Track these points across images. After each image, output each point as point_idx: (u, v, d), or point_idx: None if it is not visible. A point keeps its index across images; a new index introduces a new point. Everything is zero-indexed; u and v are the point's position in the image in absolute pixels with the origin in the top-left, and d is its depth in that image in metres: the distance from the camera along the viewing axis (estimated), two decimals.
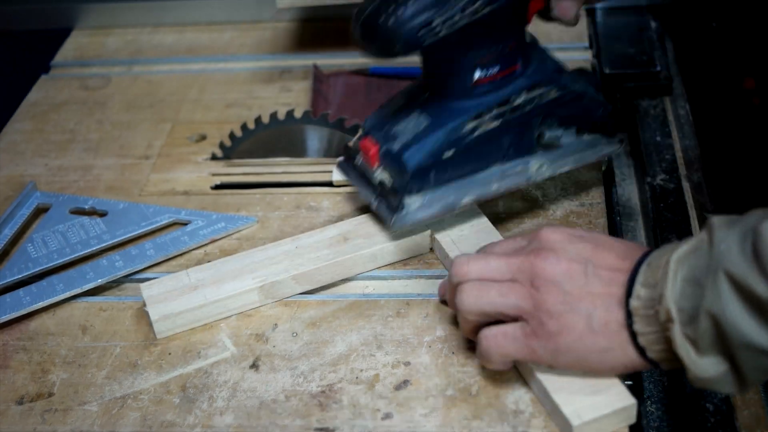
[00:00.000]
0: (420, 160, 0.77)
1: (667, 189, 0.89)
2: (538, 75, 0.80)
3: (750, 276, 0.58)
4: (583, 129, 0.84)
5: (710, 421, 0.69)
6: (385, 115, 0.82)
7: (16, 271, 0.84)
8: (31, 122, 1.07)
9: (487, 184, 0.81)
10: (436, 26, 0.72)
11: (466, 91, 0.78)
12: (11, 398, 0.74)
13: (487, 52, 0.77)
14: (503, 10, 0.75)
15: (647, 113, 1.00)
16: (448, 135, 0.78)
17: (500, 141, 0.80)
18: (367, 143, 0.80)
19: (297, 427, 0.70)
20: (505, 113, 0.79)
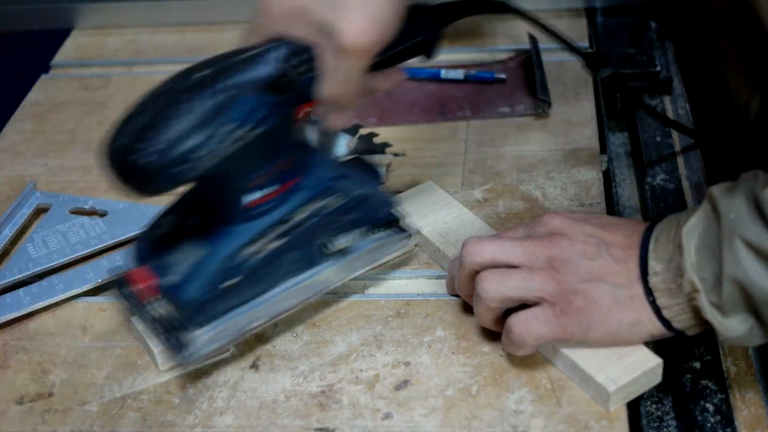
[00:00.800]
0: (201, 294, 0.71)
1: (667, 189, 0.89)
2: (319, 185, 0.74)
3: (767, 240, 0.62)
4: (371, 229, 0.80)
5: (710, 421, 0.69)
6: (155, 242, 0.74)
7: (16, 271, 0.84)
8: (31, 122, 1.07)
9: (277, 303, 0.75)
10: (195, 161, 0.65)
11: (243, 215, 0.72)
12: (11, 398, 0.74)
13: (261, 173, 0.71)
14: (272, 130, 0.68)
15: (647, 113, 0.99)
16: (228, 263, 0.71)
17: (286, 258, 0.75)
18: (139, 275, 0.72)
19: (297, 427, 0.70)
20: (287, 231, 0.73)
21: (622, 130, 1.02)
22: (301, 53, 0.69)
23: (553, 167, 0.92)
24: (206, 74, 0.67)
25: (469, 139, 0.97)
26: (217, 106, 0.65)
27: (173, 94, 0.66)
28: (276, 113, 0.68)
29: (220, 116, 0.65)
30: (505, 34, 1.13)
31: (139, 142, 0.64)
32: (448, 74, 1.06)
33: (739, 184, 0.66)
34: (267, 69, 0.67)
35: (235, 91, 0.66)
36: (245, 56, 0.68)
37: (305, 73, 0.69)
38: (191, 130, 0.65)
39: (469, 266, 0.73)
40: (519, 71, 1.06)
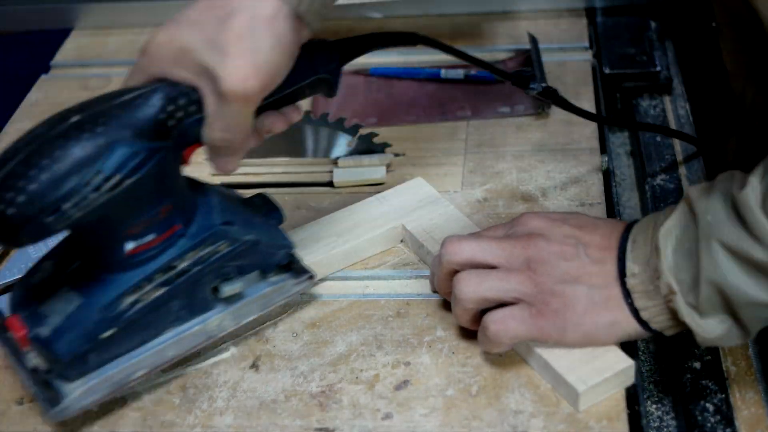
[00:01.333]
0: (74, 347, 0.68)
1: (667, 189, 0.89)
2: (204, 231, 0.71)
3: (744, 243, 0.62)
4: (267, 272, 0.76)
5: (710, 421, 0.69)
6: (31, 289, 0.70)
7: (15, 271, 0.84)
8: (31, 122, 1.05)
9: (161, 352, 0.72)
10: (66, 210, 0.62)
11: (121, 263, 0.68)
12: (11, 398, 0.74)
13: (137, 222, 0.67)
14: (149, 177, 0.65)
15: (647, 113, 1.00)
16: (105, 313, 0.68)
17: (169, 307, 0.71)
18: (14, 323, 0.69)
19: (297, 427, 0.70)
20: (170, 279, 0.70)
21: (622, 130, 1.02)
22: (183, 96, 0.66)
23: (553, 167, 0.92)
24: (81, 118, 0.64)
25: (469, 139, 0.97)
26: (90, 153, 0.63)
27: (44, 140, 0.63)
28: (153, 160, 0.65)
29: (93, 164, 0.62)
30: (505, 34, 1.13)
31: (5, 192, 0.61)
32: (448, 74, 1.06)
33: (715, 185, 0.66)
34: (146, 113, 0.65)
35: (109, 137, 0.63)
36: (122, 100, 0.65)
37: (188, 116, 0.66)
38: (61, 178, 0.62)
39: (447, 265, 0.73)
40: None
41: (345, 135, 0.98)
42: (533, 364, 0.72)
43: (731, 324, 0.65)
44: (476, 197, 0.89)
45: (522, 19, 1.15)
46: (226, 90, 0.64)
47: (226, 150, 0.69)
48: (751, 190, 0.63)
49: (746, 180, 0.64)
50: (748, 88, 0.78)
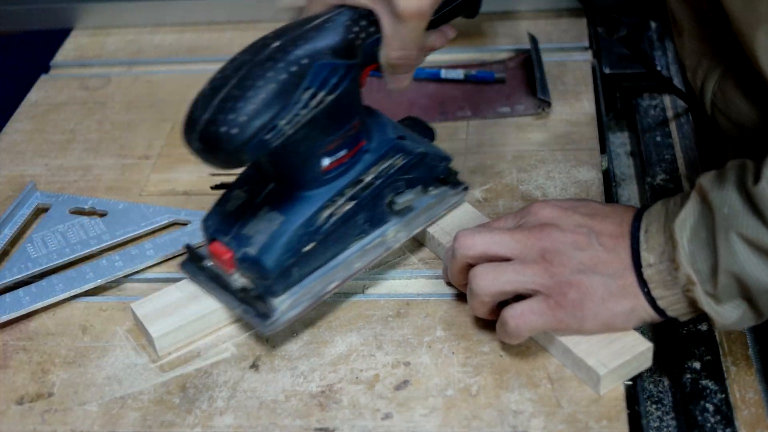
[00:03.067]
0: (281, 261, 0.73)
1: (667, 189, 0.89)
2: (384, 146, 0.77)
3: (763, 235, 0.64)
4: (428, 186, 0.82)
5: (710, 421, 0.69)
6: (228, 215, 0.76)
7: (15, 271, 0.84)
8: (31, 122, 1.07)
9: (349, 265, 0.77)
10: (281, 127, 0.67)
11: (316, 180, 0.74)
12: (11, 398, 0.74)
13: (333, 138, 0.73)
14: (345, 93, 0.71)
15: (647, 113, 1.00)
16: (306, 228, 0.74)
17: (356, 220, 0.77)
18: (218, 248, 0.74)
19: (297, 427, 0.70)
20: (357, 193, 0.76)
21: (622, 130, 1.02)
22: (363, 18, 0.71)
23: (553, 167, 0.92)
24: (280, 45, 0.69)
25: (469, 139, 0.97)
26: (295, 74, 0.68)
27: (250, 66, 0.67)
28: (348, 77, 0.71)
29: (300, 82, 0.68)
30: (505, 34, 1.13)
31: (226, 114, 0.66)
32: (448, 74, 1.06)
33: (726, 174, 0.67)
34: (335, 35, 0.70)
35: (308, 59, 0.68)
36: (313, 24, 0.70)
37: (368, 37, 0.72)
38: (272, 99, 0.67)
39: (461, 259, 0.73)
40: (519, 71, 1.06)
41: None
42: (551, 349, 0.72)
43: (746, 308, 0.67)
44: (476, 197, 0.89)
45: (522, 19, 1.15)
46: (402, 10, 0.69)
47: (402, 67, 0.74)
48: (766, 182, 0.63)
49: (759, 172, 0.64)
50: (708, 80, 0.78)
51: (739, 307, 0.67)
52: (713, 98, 0.79)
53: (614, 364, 0.69)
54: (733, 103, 0.77)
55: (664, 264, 0.68)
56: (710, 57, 0.79)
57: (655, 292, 0.69)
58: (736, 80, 0.76)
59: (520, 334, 0.70)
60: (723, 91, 0.77)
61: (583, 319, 0.69)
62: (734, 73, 0.76)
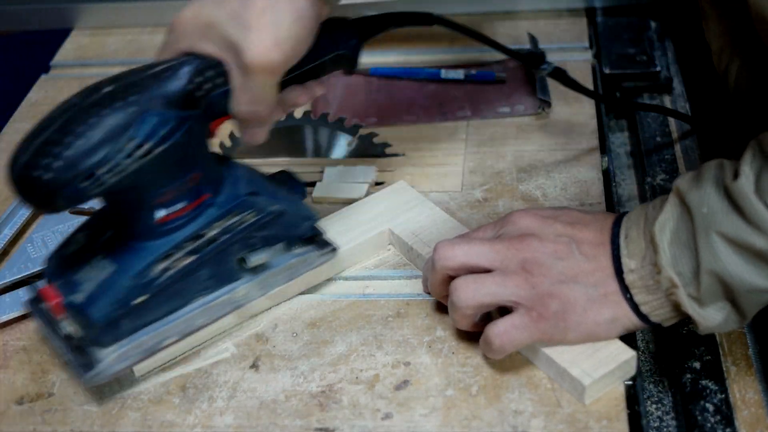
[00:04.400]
0: (108, 312, 0.70)
1: (667, 189, 0.89)
2: (231, 201, 0.73)
3: (744, 233, 0.63)
4: (292, 244, 0.78)
5: (710, 421, 0.69)
6: (65, 259, 0.73)
7: (15, 271, 0.84)
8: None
9: (190, 320, 0.74)
10: (100, 176, 0.64)
11: (151, 231, 0.71)
12: (11, 398, 0.74)
13: (169, 189, 0.70)
14: (179, 145, 0.67)
15: (647, 113, 0.99)
16: (137, 280, 0.70)
17: (198, 275, 0.73)
18: (49, 292, 0.71)
19: (297, 427, 0.70)
20: (198, 248, 0.72)
21: (622, 130, 1.02)
22: (210, 68, 0.68)
23: (553, 167, 0.92)
24: (114, 89, 0.66)
25: (469, 139, 0.97)
26: (123, 121, 0.65)
27: (79, 109, 0.65)
28: (182, 128, 0.67)
29: (125, 131, 0.65)
30: (505, 34, 1.13)
31: (42, 158, 0.63)
32: (448, 74, 1.06)
33: (703, 174, 0.67)
34: (176, 84, 0.67)
35: (141, 106, 0.66)
36: (154, 71, 0.68)
37: (215, 88, 0.69)
38: (95, 145, 0.64)
39: (441, 270, 0.73)
40: (519, 71, 1.06)
41: (345, 135, 0.98)
42: (535, 360, 0.72)
43: (729, 310, 0.66)
44: (476, 197, 0.89)
45: (522, 19, 1.15)
46: (250, 62, 0.66)
47: (254, 122, 0.72)
48: (745, 178, 0.63)
49: (737, 169, 0.64)
50: (732, 64, 0.78)
51: (723, 309, 0.66)
52: (736, 81, 0.78)
53: (599, 373, 0.68)
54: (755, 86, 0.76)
55: (646, 269, 0.68)
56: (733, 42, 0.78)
57: (637, 297, 0.68)
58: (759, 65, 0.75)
59: (505, 351, 0.70)
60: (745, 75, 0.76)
61: (566, 330, 0.69)
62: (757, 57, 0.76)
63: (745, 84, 0.78)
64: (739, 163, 0.64)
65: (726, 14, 0.79)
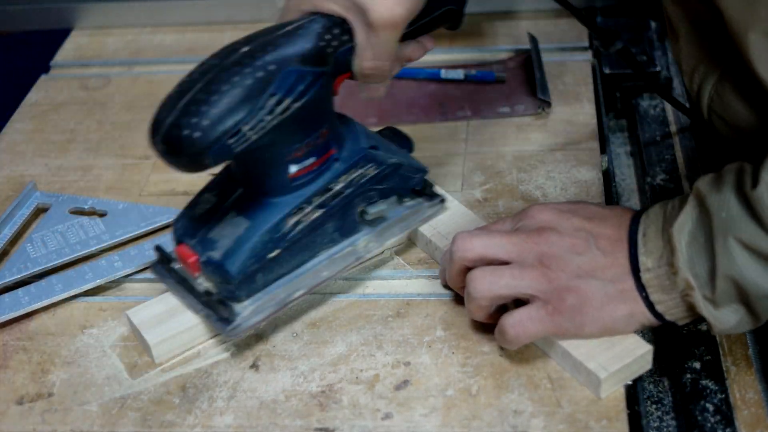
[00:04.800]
0: (245, 267, 0.73)
1: (667, 189, 0.89)
2: (354, 155, 0.77)
3: (761, 240, 0.64)
4: (403, 196, 0.82)
5: (710, 421, 0.69)
6: (196, 219, 0.76)
7: (15, 271, 0.84)
8: (31, 122, 1.07)
9: (316, 273, 0.78)
10: (245, 133, 0.67)
11: (284, 187, 0.74)
12: (11, 398, 0.74)
13: (300, 146, 0.73)
14: (313, 100, 0.71)
15: (647, 113, 1.00)
16: (271, 234, 0.74)
17: (324, 228, 0.77)
18: (183, 251, 0.74)
19: (297, 427, 0.70)
20: (326, 201, 0.76)
21: (622, 130, 1.02)
22: (336, 26, 0.71)
23: (553, 167, 0.92)
24: (251, 48, 0.69)
25: (469, 139, 0.97)
26: (262, 80, 0.67)
27: (220, 69, 0.68)
28: (316, 84, 0.70)
29: (266, 88, 0.68)
30: (505, 34, 1.13)
31: (189, 117, 0.66)
32: (448, 74, 1.06)
33: (724, 177, 0.67)
34: (308, 41, 0.70)
35: (276, 65, 0.68)
36: (284, 31, 0.70)
37: (341, 45, 0.71)
38: (239, 102, 0.67)
39: (459, 262, 0.73)
40: (519, 71, 1.06)
41: None
42: (551, 353, 0.72)
43: (744, 312, 0.67)
44: (476, 197, 0.89)
45: (522, 19, 1.15)
46: (375, 20, 0.69)
47: (375, 77, 0.74)
48: (765, 187, 0.63)
49: (757, 176, 0.64)
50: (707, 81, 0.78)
51: (737, 311, 0.67)
52: (710, 102, 0.78)
53: (614, 367, 0.69)
54: (729, 107, 0.77)
55: (662, 268, 0.68)
56: (707, 61, 0.79)
57: (653, 296, 0.69)
58: (733, 84, 0.76)
59: (519, 341, 0.70)
60: (720, 95, 0.77)
61: (582, 325, 0.69)
62: (730, 77, 0.76)
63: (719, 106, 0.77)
64: (760, 170, 0.64)
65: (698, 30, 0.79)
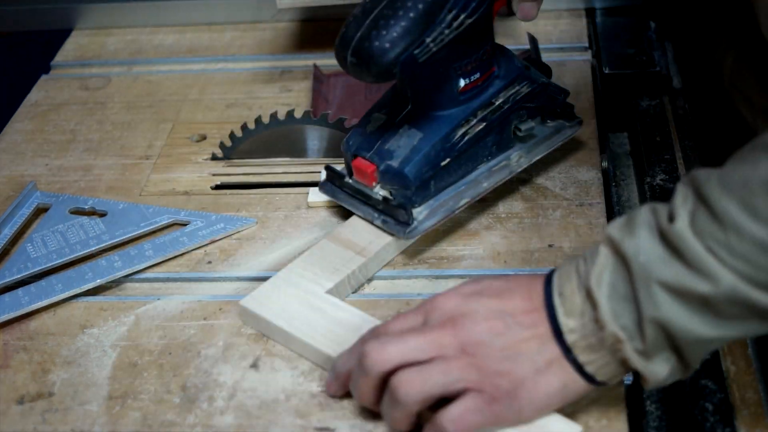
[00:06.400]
0: (421, 173, 0.80)
1: (667, 189, 0.89)
2: (512, 73, 0.84)
3: (686, 279, 0.60)
4: (547, 117, 0.88)
5: (710, 421, 0.69)
6: (369, 134, 0.83)
7: (15, 271, 0.84)
8: (32, 122, 1.07)
9: (477, 184, 0.85)
10: (428, 44, 0.75)
11: (452, 100, 0.81)
12: (11, 398, 0.74)
13: (469, 61, 0.80)
14: (481, 18, 0.78)
15: (647, 113, 1.00)
16: (443, 144, 0.81)
17: (485, 142, 0.84)
18: (361, 163, 0.82)
19: (297, 427, 0.70)
20: (488, 115, 0.83)
21: (622, 130, 1.02)
22: None
23: (553, 167, 0.92)
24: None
25: None
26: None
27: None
28: (485, 3, 0.78)
29: (444, 5, 0.75)
30: (505, 34, 1.13)
31: (378, 30, 0.74)
32: None
33: (635, 220, 0.63)
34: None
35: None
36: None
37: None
38: (420, 18, 0.74)
39: (376, 375, 0.66)
40: None
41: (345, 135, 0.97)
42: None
43: (675, 360, 0.63)
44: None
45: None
46: None
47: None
48: (681, 221, 0.60)
49: (673, 211, 0.61)
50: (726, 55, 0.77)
51: (669, 360, 0.63)
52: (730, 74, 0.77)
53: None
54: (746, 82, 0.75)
55: (587, 326, 0.64)
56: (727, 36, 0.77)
57: (581, 357, 0.64)
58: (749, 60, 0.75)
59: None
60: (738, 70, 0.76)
61: (520, 409, 0.65)
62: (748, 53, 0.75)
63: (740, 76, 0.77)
64: (672, 205, 0.62)
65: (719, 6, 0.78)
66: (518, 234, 0.85)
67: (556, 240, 0.84)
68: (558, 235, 0.85)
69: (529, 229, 0.86)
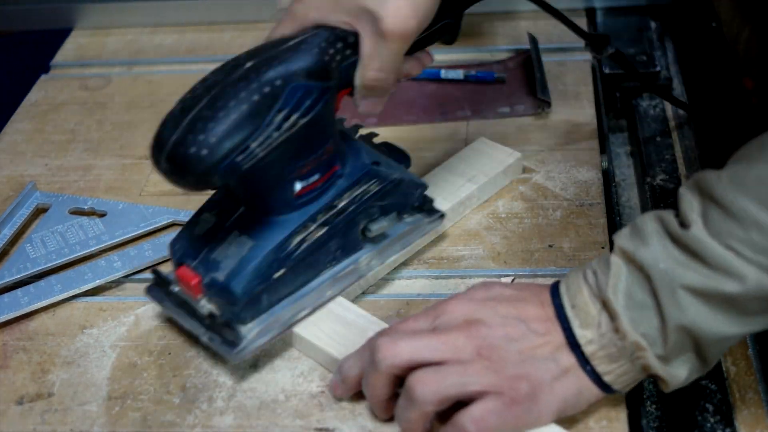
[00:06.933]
0: (250, 287, 0.71)
1: (667, 189, 0.89)
2: (358, 171, 0.76)
3: (711, 280, 0.61)
4: (402, 213, 0.80)
5: (710, 421, 0.69)
6: (196, 240, 0.74)
7: (14, 271, 0.84)
8: (31, 122, 1.07)
9: (320, 292, 0.76)
10: (253, 149, 0.66)
11: (288, 205, 0.73)
12: (11, 398, 0.74)
13: (306, 162, 0.72)
14: (318, 116, 0.69)
15: (647, 113, 1.00)
16: (276, 254, 0.72)
17: (328, 247, 0.75)
18: (185, 273, 0.73)
19: (297, 427, 0.70)
20: (329, 219, 0.74)
21: (622, 130, 1.02)
22: (339, 40, 0.70)
23: (553, 167, 0.92)
24: (255, 63, 0.68)
25: (469, 139, 0.97)
26: (267, 96, 0.66)
27: (225, 85, 0.66)
28: (322, 99, 0.69)
29: (274, 104, 0.67)
30: (505, 34, 1.13)
31: (196, 134, 0.65)
32: (448, 74, 1.06)
33: (642, 230, 0.64)
34: (310, 57, 0.69)
35: (282, 81, 0.67)
36: (288, 45, 0.69)
37: (344, 60, 0.70)
38: (246, 118, 0.65)
39: (387, 370, 0.66)
40: (519, 71, 1.06)
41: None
42: None
43: (695, 360, 0.64)
44: None
45: (522, 19, 1.15)
46: (388, 29, 0.67)
47: (377, 90, 0.72)
48: (696, 226, 0.61)
49: (684, 218, 0.62)
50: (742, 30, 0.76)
51: (688, 360, 0.64)
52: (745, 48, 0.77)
53: None
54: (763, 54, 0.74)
55: (606, 336, 0.64)
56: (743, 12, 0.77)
57: (599, 368, 0.65)
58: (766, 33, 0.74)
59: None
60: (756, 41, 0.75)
61: (539, 413, 0.65)
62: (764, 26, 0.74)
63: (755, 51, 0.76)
64: (682, 211, 0.62)
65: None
66: (518, 234, 0.85)
67: (556, 240, 0.84)
68: (558, 236, 0.85)
69: (529, 229, 0.86)
